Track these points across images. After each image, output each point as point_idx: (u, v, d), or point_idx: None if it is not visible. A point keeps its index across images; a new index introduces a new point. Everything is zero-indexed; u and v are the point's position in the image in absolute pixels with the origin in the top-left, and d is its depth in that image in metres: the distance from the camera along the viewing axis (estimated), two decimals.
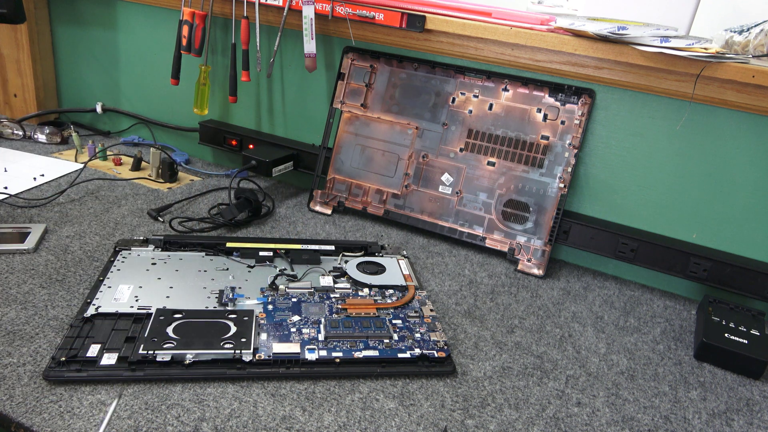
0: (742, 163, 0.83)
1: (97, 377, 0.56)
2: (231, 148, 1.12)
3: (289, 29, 1.03)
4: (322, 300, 0.71)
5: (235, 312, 0.65)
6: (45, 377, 0.55)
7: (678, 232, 0.89)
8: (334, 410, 0.56)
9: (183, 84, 1.10)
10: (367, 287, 0.75)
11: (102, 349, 0.58)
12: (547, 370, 0.67)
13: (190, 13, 1.03)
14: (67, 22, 1.24)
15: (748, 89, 0.78)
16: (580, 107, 0.89)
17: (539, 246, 0.90)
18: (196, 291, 0.70)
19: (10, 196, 0.91)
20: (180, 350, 0.58)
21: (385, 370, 0.61)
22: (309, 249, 0.83)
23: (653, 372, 0.69)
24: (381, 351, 0.63)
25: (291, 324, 0.66)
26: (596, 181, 0.92)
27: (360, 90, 1.00)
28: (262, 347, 0.61)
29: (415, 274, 0.81)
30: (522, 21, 0.90)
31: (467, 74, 0.94)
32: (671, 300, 0.89)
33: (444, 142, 0.96)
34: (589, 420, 0.60)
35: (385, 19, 0.93)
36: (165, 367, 0.57)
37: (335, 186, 1.02)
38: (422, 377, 0.62)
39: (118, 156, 1.11)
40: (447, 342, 0.66)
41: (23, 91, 1.25)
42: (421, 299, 0.74)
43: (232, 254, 0.79)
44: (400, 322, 0.69)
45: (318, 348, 0.62)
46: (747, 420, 0.63)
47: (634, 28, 0.83)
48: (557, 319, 0.78)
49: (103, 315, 0.63)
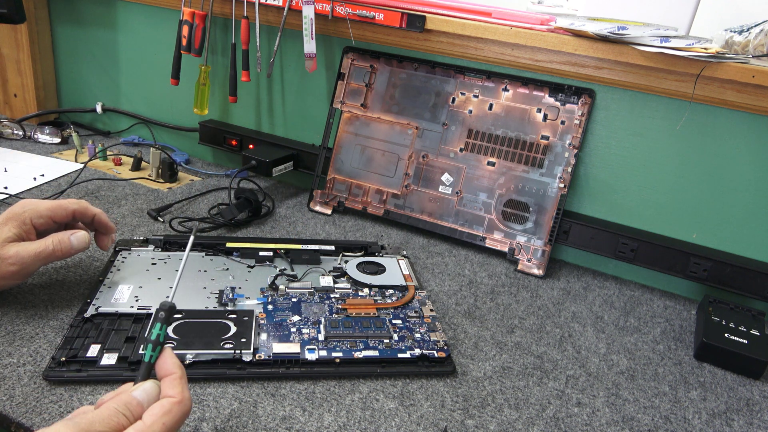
0: (742, 163, 0.83)
1: (97, 377, 0.56)
2: (231, 148, 1.12)
3: (289, 29, 1.03)
4: (322, 300, 0.71)
5: (235, 312, 0.65)
6: (45, 377, 0.55)
7: (678, 232, 0.89)
8: (334, 410, 0.56)
9: (183, 84, 1.10)
10: (367, 287, 0.75)
11: (102, 350, 0.58)
12: (547, 370, 0.67)
13: (190, 13, 1.03)
14: (67, 22, 1.24)
15: (748, 89, 0.78)
16: (580, 107, 0.89)
17: (539, 246, 0.90)
18: (196, 291, 0.70)
19: (10, 196, 0.91)
20: (180, 350, 0.58)
21: (385, 370, 0.61)
22: (309, 249, 0.83)
23: (653, 372, 0.70)
24: (381, 351, 0.63)
25: (291, 324, 0.66)
26: (596, 181, 0.92)
27: (360, 90, 1.00)
28: (262, 347, 0.61)
29: (415, 274, 0.81)
30: (522, 21, 0.90)
31: (467, 74, 0.94)
32: (671, 300, 0.89)
33: (444, 142, 0.96)
34: (589, 420, 0.60)
35: (385, 19, 0.93)
36: None
37: (335, 186, 1.02)
38: (422, 377, 0.62)
39: (118, 156, 1.11)
40: (447, 342, 0.66)
41: (23, 91, 1.25)
42: (421, 299, 0.74)
43: (232, 254, 0.79)
44: (400, 322, 0.69)
45: (318, 348, 0.62)
46: (747, 420, 0.63)
47: (634, 28, 0.83)
48: (557, 319, 0.78)
49: (103, 315, 0.63)
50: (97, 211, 0.69)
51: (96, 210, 0.69)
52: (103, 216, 0.69)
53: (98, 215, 0.69)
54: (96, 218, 0.69)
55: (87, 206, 0.68)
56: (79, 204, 0.67)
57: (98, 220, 0.69)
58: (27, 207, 0.63)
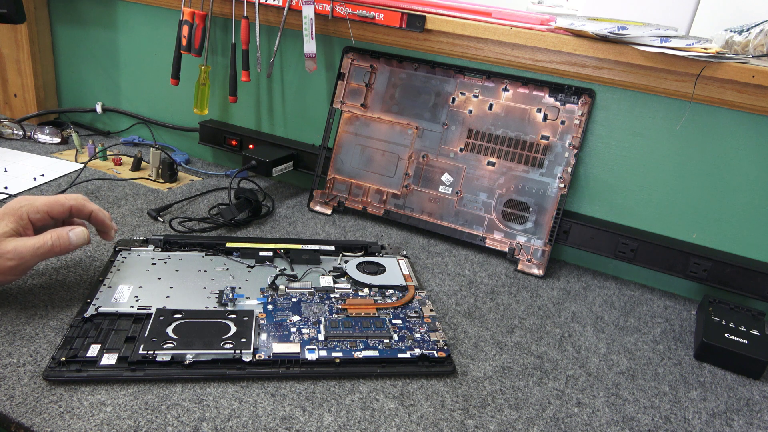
0: (742, 163, 0.83)
1: (97, 377, 0.56)
2: (231, 148, 1.12)
3: (289, 29, 1.03)
4: (322, 300, 0.71)
5: (235, 312, 0.65)
6: (45, 377, 0.55)
7: (678, 232, 0.89)
8: (334, 410, 0.56)
9: (183, 84, 1.10)
10: (367, 287, 0.75)
11: (102, 350, 0.58)
12: (547, 370, 0.67)
13: (190, 13, 1.03)
14: (67, 22, 1.24)
15: (748, 89, 0.78)
16: (580, 107, 0.89)
17: (539, 246, 0.90)
18: (196, 291, 0.70)
19: (10, 196, 0.91)
20: (180, 350, 0.58)
21: (385, 370, 0.61)
22: (309, 249, 0.82)
23: (653, 372, 0.70)
24: (381, 351, 0.63)
25: (291, 324, 0.65)
26: (596, 181, 0.92)
27: (360, 90, 1.00)
28: (262, 347, 0.61)
29: (415, 274, 0.81)
30: (522, 21, 0.90)
31: (467, 74, 0.94)
32: (671, 300, 0.89)
33: (444, 142, 0.96)
34: (589, 420, 0.60)
35: (385, 19, 0.93)
36: (165, 367, 0.57)
37: (335, 186, 1.02)
38: (422, 377, 0.62)
39: (118, 156, 1.11)
40: (447, 342, 0.66)
41: (23, 91, 1.25)
42: (421, 299, 0.74)
43: (232, 254, 0.79)
44: (400, 322, 0.69)
45: (318, 348, 0.62)
46: (747, 420, 0.63)
47: (634, 28, 0.83)
48: (557, 319, 0.78)
49: (102, 315, 0.63)
50: (95, 208, 0.68)
51: (93, 207, 0.68)
52: (101, 213, 0.69)
53: (95, 212, 0.68)
54: (93, 215, 0.68)
55: (84, 202, 0.67)
56: (76, 200, 0.67)
57: (95, 217, 0.68)
58: (23, 202, 0.63)
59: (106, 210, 0.71)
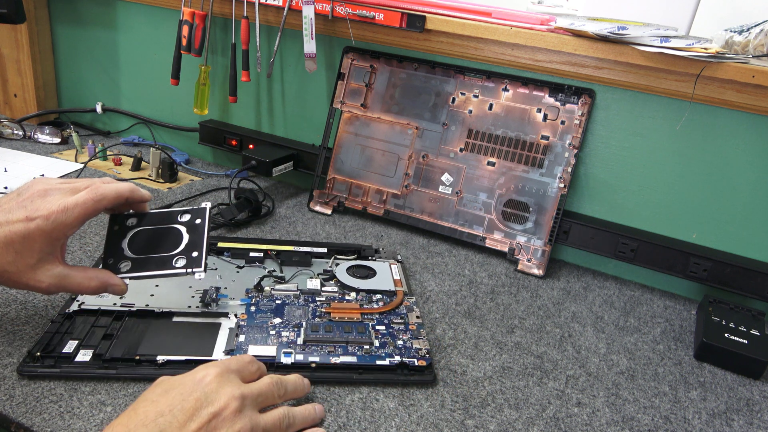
0: (742, 163, 0.83)
1: (71, 374, 0.55)
2: (231, 148, 1.12)
3: (289, 29, 1.03)
4: (306, 303, 0.70)
5: (189, 214, 0.62)
6: (19, 372, 0.54)
7: (678, 232, 0.89)
8: (334, 410, 0.56)
9: (183, 84, 1.10)
10: (355, 291, 0.74)
11: (79, 346, 0.57)
12: (547, 370, 0.67)
13: (190, 13, 1.03)
14: (67, 22, 1.24)
15: (748, 89, 0.78)
16: (580, 107, 0.89)
17: (539, 246, 0.90)
18: (181, 290, 0.69)
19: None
20: (134, 272, 0.58)
21: (361, 377, 0.59)
22: (300, 251, 0.81)
23: (653, 372, 0.70)
24: (359, 357, 0.61)
25: (271, 326, 0.64)
26: (596, 181, 0.92)
27: (360, 90, 1.00)
28: (238, 349, 0.60)
29: (407, 279, 0.79)
30: (522, 21, 0.90)
31: (467, 74, 0.94)
32: (671, 300, 0.89)
33: (444, 142, 0.96)
34: (589, 420, 0.60)
35: (385, 19, 0.93)
36: (138, 366, 0.57)
37: (335, 186, 1.02)
38: (399, 386, 0.60)
39: (118, 156, 1.11)
40: (429, 350, 0.64)
41: (23, 91, 1.25)
42: (409, 305, 0.72)
43: (223, 254, 0.79)
44: (383, 328, 0.67)
45: (295, 352, 0.61)
46: (747, 420, 0.63)
47: (634, 28, 0.83)
48: (557, 319, 0.78)
49: (85, 311, 0.63)
50: (144, 194, 0.62)
51: (143, 193, 0.62)
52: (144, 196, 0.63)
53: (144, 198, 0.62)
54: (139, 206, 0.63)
55: (135, 190, 0.61)
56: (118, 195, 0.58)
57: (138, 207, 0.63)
58: (56, 222, 0.54)
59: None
